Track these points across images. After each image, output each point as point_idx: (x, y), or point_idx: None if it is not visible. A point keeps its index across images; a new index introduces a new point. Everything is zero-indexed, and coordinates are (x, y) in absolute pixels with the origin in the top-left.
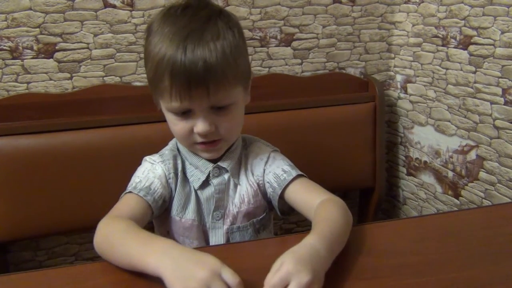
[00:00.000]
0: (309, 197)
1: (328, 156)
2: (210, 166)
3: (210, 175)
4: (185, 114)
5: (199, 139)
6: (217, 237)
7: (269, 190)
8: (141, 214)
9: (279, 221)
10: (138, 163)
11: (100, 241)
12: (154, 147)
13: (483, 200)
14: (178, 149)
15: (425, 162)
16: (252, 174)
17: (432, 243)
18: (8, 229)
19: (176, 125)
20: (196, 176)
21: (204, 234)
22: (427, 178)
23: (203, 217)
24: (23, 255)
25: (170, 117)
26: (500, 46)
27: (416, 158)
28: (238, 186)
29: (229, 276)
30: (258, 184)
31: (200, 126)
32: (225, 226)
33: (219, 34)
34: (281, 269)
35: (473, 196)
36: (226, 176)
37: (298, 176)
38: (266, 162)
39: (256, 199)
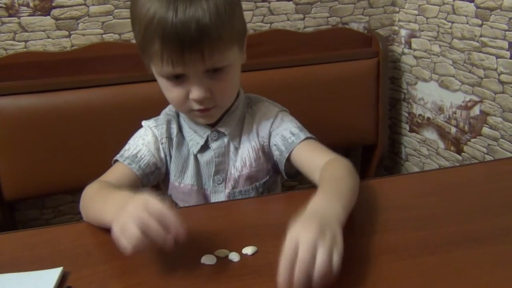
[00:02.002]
0: (314, 159)
1: (331, 113)
2: (208, 130)
3: (209, 139)
4: (178, 78)
5: (196, 106)
6: (219, 201)
7: (276, 153)
8: (126, 183)
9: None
10: (139, 122)
11: (81, 205)
12: (155, 106)
13: (486, 155)
14: (176, 112)
15: (428, 118)
16: (257, 135)
17: (433, 198)
18: (14, 188)
19: (170, 91)
20: (194, 140)
21: (204, 199)
22: (430, 134)
23: (203, 181)
24: (30, 214)
25: (162, 82)
26: None
27: (419, 115)
28: (239, 149)
29: (153, 205)
30: (262, 146)
31: (195, 92)
32: (227, 190)
33: None
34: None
35: (475, 152)
36: (225, 139)
37: (307, 138)
38: (273, 123)
39: (258, 162)
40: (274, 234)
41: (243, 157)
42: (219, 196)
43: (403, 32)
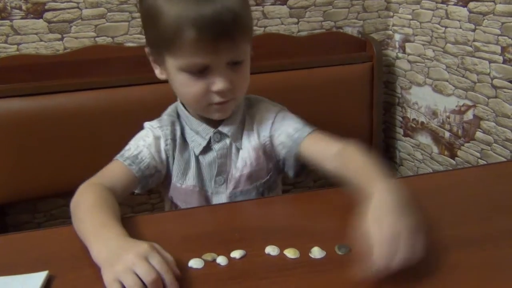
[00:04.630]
0: (325, 148)
1: (324, 117)
2: (210, 131)
3: (211, 140)
4: (201, 72)
5: (216, 99)
6: (219, 202)
7: (282, 152)
8: (123, 183)
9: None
10: (132, 125)
11: (72, 206)
12: (148, 109)
13: (479, 160)
14: (178, 114)
15: (422, 122)
16: (258, 136)
17: (426, 202)
18: (5, 192)
19: (191, 86)
20: (196, 142)
21: (206, 200)
22: (424, 138)
23: (204, 182)
24: (22, 218)
25: (183, 78)
26: (500, 3)
27: (413, 119)
28: (240, 150)
29: (156, 261)
30: (264, 146)
31: (220, 83)
32: (228, 191)
33: None
34: (386, 229)
35: (469, 156)
36: (227, 141)
37: (312, 131)
38: (273, 122)
39: (258, 161)
40: (263, 237)
41: (244, 157)
42: (221, 197)
43: (397, 37)
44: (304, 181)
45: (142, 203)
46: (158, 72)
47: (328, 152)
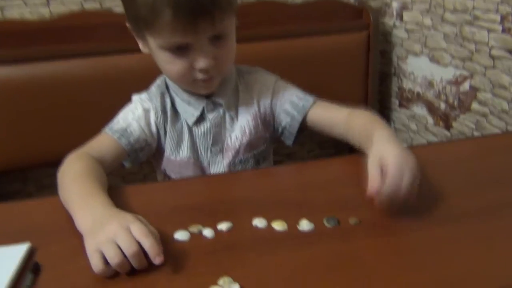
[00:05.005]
0: (334, 115)
1: (318, 87)
2: (203, 101)
3: (205, 110)
4: (182, 50)
5: (200, 76)
6: (217, 172)
7: (286, 120)
8: (112, 156)
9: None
10: (121, 94)
11: (58, 176)
12: (138, 78)
13: (474, 131)
14: (166, 86)
15: (418, 93)
16: (258, 104)
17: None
18: None
19: (173, 64)
20: (189, 113)
21: (201, 171)
22: (419, 109)
23: (199, 153)
24: (12, 187)
25: (164, 56)
26: None
27: (409, 89)
28: (237, 120)
29: (138, 232)
30: (263, 114)
31: (202, 61)
32: (226, 160)
33: None
34: (391, 162)
35: (464, 128)
36: (221, 110)
37: (316, 101)
38: (273, 91)
39: (257, 130)
40: (250, 210)
41: (242, 125)
42: (218, 167)
43: (394, 5)
44: (298, 152)
45: (133, 173)
46: (141, 46)
47: (336, 119)
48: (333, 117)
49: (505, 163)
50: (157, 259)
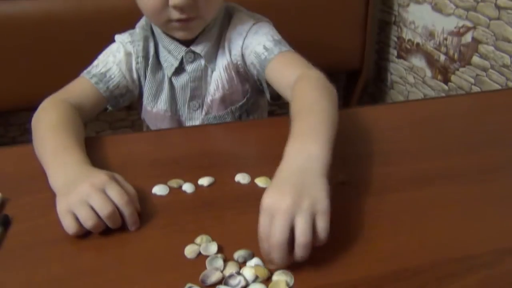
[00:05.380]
0: (285, 75)
1: (314, 34)
2: (182, 50)
3: (184, 60)
4: None
5: (175, 15)
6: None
7: (254, 72)
8: (90, 102)
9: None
10: (105, 33)
11: (33, 123)
12: (122, 17)
13: (473, 86)
14: (151, 28)
15: (418, 44)
16: (229, 53)
17: (411, 131)
18: None
19: None
20: (169, 62)
21: (179, 125)
22: (418, 61)
23: (177, 107)
24: None
25: None
26: None
27: (409, 40)
28: (214, 72)
29: (114, 193)
30: (236, 65)
31: None
32: (201, 117)
33: None
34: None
35: (462, 82)
36: (202, 61)
37: (281, 52)
38: (245, 38)
39: (231, 84)
40: (234, 164)
41: (216, 79)
42: (194, 123)
43: None
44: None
45: (121, 119)
46: None
47: (287, 80)
48: (284, 77)
49: (503, 122)
50: (133, 228)
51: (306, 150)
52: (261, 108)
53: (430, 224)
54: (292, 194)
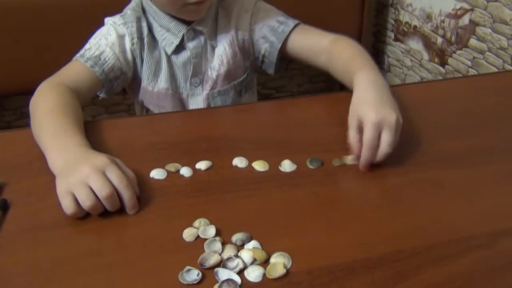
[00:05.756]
0: (316, 41)
1: (312, 17)
2: (183, 28)
3: (185, 38)
4: None
5: None
6: (196, 104)
7: (264, 46)
8: (86, 85)
9: (257, 86)
10: (99, 18)
11: (31, 107)
12: (114, 1)
13: (469, 69)
14: (143, 9)
15: (415, 26)
16: (236, 30)
17: (408, 114)
18: None
19: None
20: (168, 40)
21: (181, 103)
22: (415, 44)
23: (178, 84)
24: None
25: None
26: None
27: (406, 22)
28: (216, 48)
29: (114, 176)
30: (242, 41)
31: None
32: (205, 92)
33: None
34: (366, 123)
35: (459, 65)
36: (202, 38)
37: (297, 25)
38: (252, 15)
39: (235, 59)
40: (231, 148)
41: (220, 54)
42: (197, 99)
43: None
44: (287, 85)
45: (117, 103)
46: None
47: (318, 46)
48: (314, 44)
49: (499, 104)
50: (132, 211)
51: (377, 77)
52: (254, 86)
53: (427, 206)
54: (393, 109)
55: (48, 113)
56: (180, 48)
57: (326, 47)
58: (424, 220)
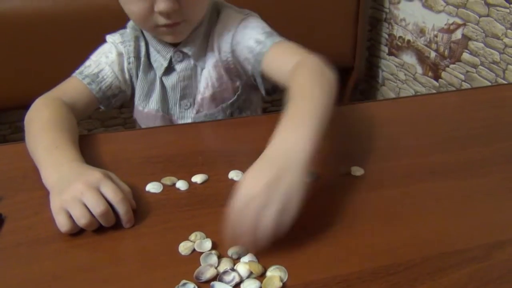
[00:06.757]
0: (283, 64)
1: (305, 31)
2: (170, 50)
3: (173, 60)
4: None
5: (162, 21)
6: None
7: (248, 68)
8: (83, 102)
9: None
10: (97, 33)
11: (26, 122)
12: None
13: (463, 82)
14: (141, 29)
15: (408, 41)
16: (218, 51)
17: (402, 128)
18: None
19: (133, 3)
20: (159, 62)
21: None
22: (409, 58)
23: (169, 107)
24: None
25: None
26: None
27: (400, 37)
28: (203, 70)
29: (108, 191)
30: (227, 63)
31: (162, 3)
32: (192, 115)
33: None
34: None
35: (453, 79)
36: (191, 61)
37: (274, 44)
38: (234, 34)
39: (220, 82)
40: (227, 161)
41: (205, 77)
42: (186, 122)
43: None
44: (283, 98)
45: (113, 117)
46: None
47: (284, 68)
48: (281, 66)
49: (492, 117)
50: (128, 225)
51: (294, 136)
52: (254, 105)
53: (422, 219)
54: (271, 177)
55: (43, 128)
56: (170, 70)
57: (288, 71)
58: (419, 233)
